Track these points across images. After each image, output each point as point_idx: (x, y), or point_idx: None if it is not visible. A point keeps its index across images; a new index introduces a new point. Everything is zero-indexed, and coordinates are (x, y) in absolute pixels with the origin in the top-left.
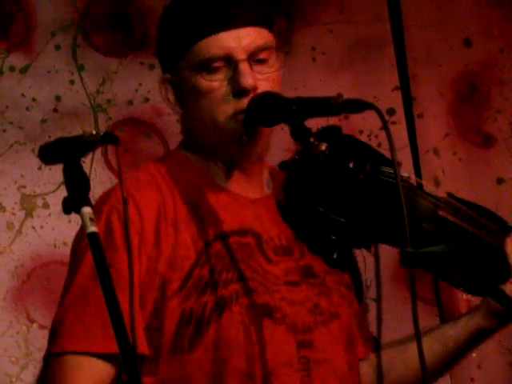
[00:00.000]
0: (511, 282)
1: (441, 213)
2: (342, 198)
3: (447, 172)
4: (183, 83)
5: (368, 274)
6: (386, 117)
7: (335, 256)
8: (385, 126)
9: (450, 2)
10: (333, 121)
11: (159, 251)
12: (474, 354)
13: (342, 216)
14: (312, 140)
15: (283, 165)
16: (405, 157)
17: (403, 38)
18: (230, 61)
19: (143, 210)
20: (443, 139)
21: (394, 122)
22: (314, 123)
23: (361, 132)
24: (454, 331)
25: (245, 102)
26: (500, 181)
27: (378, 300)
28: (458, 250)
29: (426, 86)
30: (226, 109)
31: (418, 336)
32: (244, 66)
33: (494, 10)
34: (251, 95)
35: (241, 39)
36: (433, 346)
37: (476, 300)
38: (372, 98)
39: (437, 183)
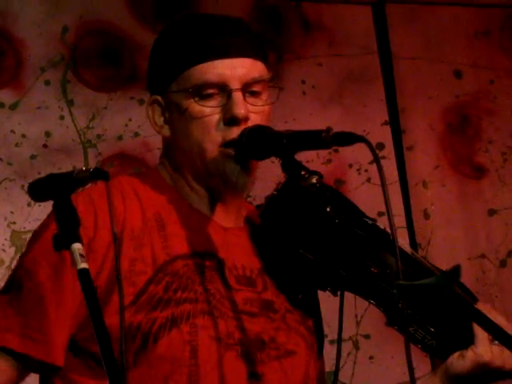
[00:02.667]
0: (471, 349)
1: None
2: (316, 238)
3: (437, 205)
4: (174, 106)
5: (358, 310)
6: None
7: (300, 297)
8: (376, 159)
9: (438, 34)
10: (322, 154)
11: (108, 264)
12: None
13: (311, 254)
14: (303, 173)
15: (260, 206)
16: (394, 192)
17: (392, 71)
18: (223, 89)
19: (100, 218)
20: (433, 171)
21: (383, 157)
22: (304, 156)
23: (350, 166)
24: None
25: (234, 131)
26: (491, 212)
27: (339, 347)
28: (449, 283)
29: (416, 119)
30: (215, 136)
31: (411, 372)
32: (238, 96)
33: (483, 41)
34: (242, 125)
35: (236, 69)
36: None
37: None
38: (362, 131)
39: (426, 216)
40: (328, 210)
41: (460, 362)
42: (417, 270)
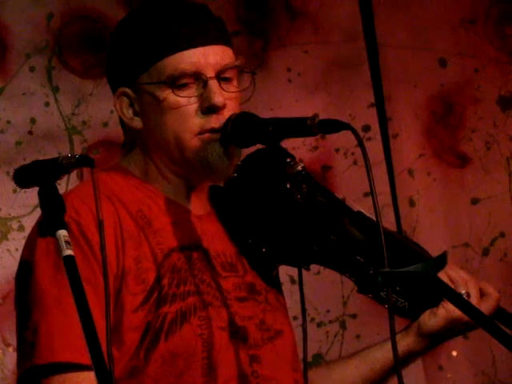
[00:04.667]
0: (442, 306)
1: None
2: (279, 215)
3: (422, 192)
4: (146, 97)
5: (344, 291)
6: (362, 133)
7: (274, 273)
8: (361, 145)
9: (424, 22)
10: (309, 140)
11: (120, 266)
12: None
13: (278, 231)
14: (289, 160)
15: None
16: (380, 173)
17: (378, 59)
18: (198, 77)
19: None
20: (418, 159)
21: (369, 139)
22: (290, 143)
23: (337, 151)
24: (381, 353)
25: (213, 119)
26: (475, 201)
27: (304, 323)
28: (435, 271)
29: (401, 107)
30: (192, 126)
31: (395, 353)
32: (214, 84)
33: (469, 29)
34: (220, 113)
35: (209, 56)
36: (359, 367)
37: None
38: (347, 115)
39: (411, 203)
40: (288, 186)
41: (432, 319)
42: (400, 250)
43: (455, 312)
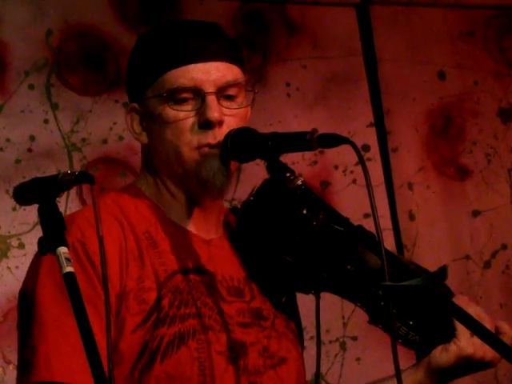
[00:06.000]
0: (454, 343)
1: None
2: (294, 242)
3: (421, 206)
4: (149, 112)
5: (345, 312)
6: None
7: (283, 300)
8: (361, 161)
9: (422, 35)
10: (308, 156)
11: (123, 286)
12: None
13: (292, 257)
14: (288, 175)
15: (234, 209)
16: (379, 194)
17: (377, 73)
18: (198, 93)
19: (105, 244)
20: (418, 173)
21: (368, 159)
22: (289, 158)
23: (336, 167)
24: None
25: (209, 134)
26: (476, 213)
27: (318, 348)
28: (435, 285)
29: (401, 120)
30: (190, 140)
31: (398, 374)
32: (211, 99)
33: (467, 42)
34: (216, 129)
35: (210, 73)
36: None
37: None
38: (347, 133)
39: (411, 217)
40: (304, 212)
41: (443, 355)
42: (402, 271)
43: (467, 349)
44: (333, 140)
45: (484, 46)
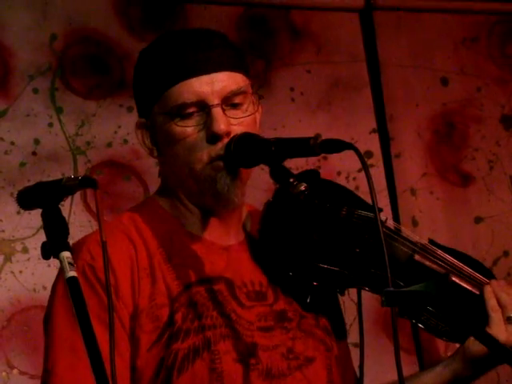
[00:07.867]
0: (487, 331)
1: (417, 258)
2: (316, 241)
3: (424, 212)
4: (158, 129)
5: (347, 319)
6: None
7: (308, 300)
8: (364, 166)
9: (426, 41)
10: (311, 161)
11: (135, 306)
12: None
13: (314, 259)
14: (291, 180)
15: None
16: (382, 200)
17: (380, 78)
18: (203, 106)
19: (116, 265)
20: (420, 179)
21: (371, 165)
22: (293, 163)
23: (339, 174)
24: (431, 379)
25: (219, 147)
26: (478, 220)
27: (361, 344)
28: (437, 291)
29: (404, 126)
30: (201, 155)
31: (399, 374)
32: (217, 112)
33: (471, 48)
34: (225, 140)
35: (213, 84)
36: None
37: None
38: (350, 139)
39: (414, 223)
40: (311, 216)
41: (476, 344)
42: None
43: (500, 337)
44: (336, 145)
45: (487, 52)
